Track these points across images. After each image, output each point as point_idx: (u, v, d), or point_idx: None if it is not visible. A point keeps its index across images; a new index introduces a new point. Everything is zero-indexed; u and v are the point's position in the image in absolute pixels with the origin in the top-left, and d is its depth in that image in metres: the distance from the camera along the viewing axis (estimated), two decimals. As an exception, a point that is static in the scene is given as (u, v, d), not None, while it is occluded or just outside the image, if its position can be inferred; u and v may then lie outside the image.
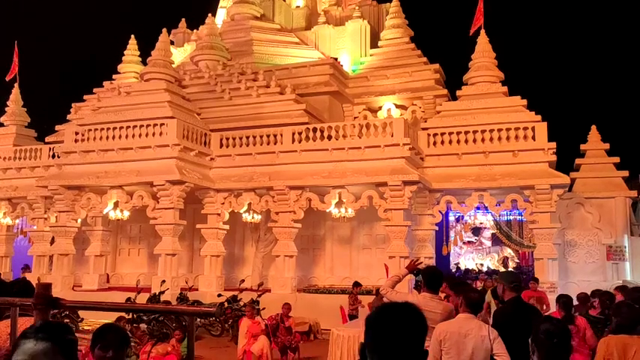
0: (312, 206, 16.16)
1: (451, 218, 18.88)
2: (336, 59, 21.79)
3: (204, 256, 17.22)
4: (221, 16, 26.42)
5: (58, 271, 17.02)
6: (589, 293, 8.67)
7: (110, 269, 19.93)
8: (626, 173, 17.10)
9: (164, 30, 18.41)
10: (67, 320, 12.86)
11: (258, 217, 17.69)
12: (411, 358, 2.19)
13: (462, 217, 18.44)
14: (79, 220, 17.40)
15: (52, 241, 17.97)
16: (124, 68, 23.54)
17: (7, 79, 22.18)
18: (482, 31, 17.96)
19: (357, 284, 13.93)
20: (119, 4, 44.38)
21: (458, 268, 22.03)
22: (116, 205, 16.49)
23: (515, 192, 15.46)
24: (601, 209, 16.56)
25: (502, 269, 21.99)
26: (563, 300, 7.22)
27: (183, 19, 26.80)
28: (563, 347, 2.98)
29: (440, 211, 16.39)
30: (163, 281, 14.69)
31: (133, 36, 24.11)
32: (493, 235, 22.92)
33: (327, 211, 16.20)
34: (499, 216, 17.52)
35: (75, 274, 18.04)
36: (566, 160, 17.54)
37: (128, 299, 13.82)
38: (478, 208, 16.66)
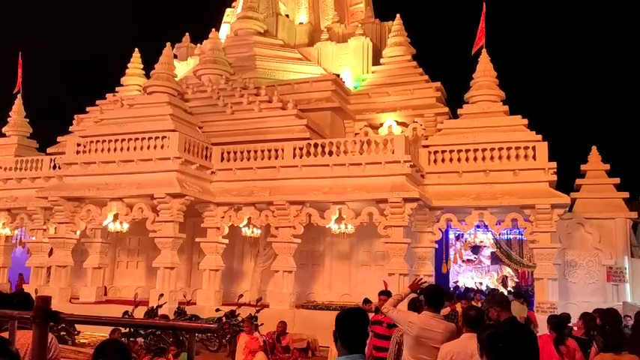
0: (312, 222, 16.13)
1: (451, 236, 18.83)
2: (338, 75, 21.91)
3: (202, 270, 17.15)
4: (225, 31, 26.63)
5: (56, 282, 16.93)
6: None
7: (108, 282, 19.84)
8: (626, 194, 17.11)
9: (168, 44, 18.54)
10: (63, 333, 12.78)
11: (257, 232, 17.65)
12: None
13: (462, 235, 18.39)
14: (78, 232, 17.36)
15: (51, 253, 17.91)
16: (128, 81, 23.67)
17: (15, 91, 22.31)
18: (484, 51, 18.09)
19: (367, 301, 13.77)
20: (124, 18, 44.75)
21: (457, 287, 21.91)
22: (116, 217, 16.46)
23: (516, 211, 15.45)
24: (601, 230, 16.53)
25: (501, 288, 21.90)
26: (554, 320, 7.30)
27: (187, 34, 27.03)
28: (512, 354, 2.87)
29: (440, 229, 16.36)
30: (161, 295, 14.60)
31: (136, 49, 24.30)
32: (492, 253, 22.83)
33: (327, 226, 16.17)
34: (499, 235, 17.46)
35: (72, 287, 17.95)
36: (567, 180, 17.57)
37: (126, 313, 13.74)
38: (478, 226, 16.62)
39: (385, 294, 7.89)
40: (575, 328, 8.88)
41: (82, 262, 18.18)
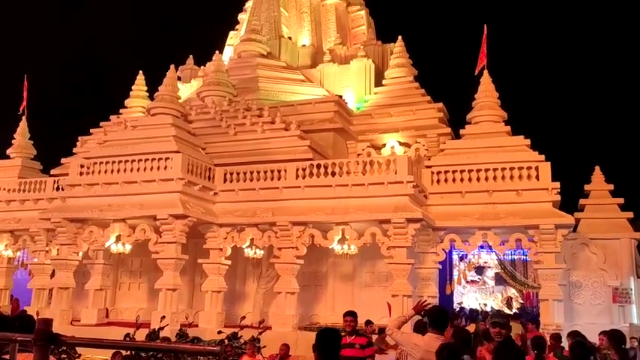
0: (315, 242, 16.07)
1: (454, 257, 18.72)
2: (340, 97, 22.03)
3: (205, 291, 17.05)
4: (228, 53, 26.89)
5: (57, 304, 16.84)
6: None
7: (110, 304, 19.72)
8: (630, 214, 17.05)
9: (172, 66, 18.72)
10: (64, 356, 12.64)
11: (260, 253, 17.58)
12: None
13: (466, 255, 18.30)
14: (81, 254, 17.31)
15: (53, 275, 17.85)
16: (132, 103, 23.86)
17: (20, 112, 22.50)
18: (485, 72, 18.20)
19: (369, 322, 13.67)
20: (129, 41, 45.25)
21: (462, 308, 21.70)
22: (118, 238, 16.43)
23: (520, 231, 15.37)
24: (606, 250, 16.43)
25: (506, 310, 21.68)
26: (537, 341, 7.81)
27: (191, 56, 27.30)
28: None
29: (443, 250, 16.27)
30: (163, 317, 14.48)
31: (141, 72, 24.54)
32: (497, 274, 22.69)
33: (330, 247, 16.10)
34: (503, 255, 17.36)
35: (74, 309, 17.84)
36: (570, 201, 17.52)
37: (127, 335, 13.61)
38: (482, 246, 16.54)
39: (350, 315, 7.68)
40: (567, 348, 9.05)
41: (83, 284, 18.08)
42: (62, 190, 18.07)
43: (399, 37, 23.45)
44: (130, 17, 46.03)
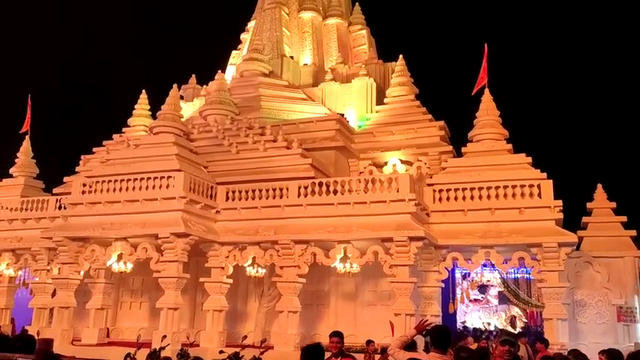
0: (317, 261, 16.01)
1: (457, 275, 18.62)
2: (342, 115, 22.12)
3: (206, 310, 16.94)
4: (230, 72, 27.10)
5: (58, 324, 16.74)
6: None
7: (110, 323, 19.59)
8: (633, 232, 17.00)
9: (174, 85, 18.85)
10: (64, 376, 12.54)
11: (262, 272, 17.51)
12: None
13: (469, 274, 18.20)
14: (82, 273, 17.26)
15: (54, 294, 17.77)
16: (134, 121, 23.98)
17: (22, 132, 22.61)
18: (487, 90, 18.30)
19: (369, 342, 13.55)
20: (133, 60, 45.67)
21: (465, 327, 21.51)
22: (120, 257, 16.38)
23: (522, 249, 15.30)
24: (610, 269, 16.34)
25: (510, 329, 21.49)
26: None
27: (194, 75, 27.50)
28: None
29: (446, 268, 16.18)
30: (164, 336, 14.36)
31: (144, 91, 24.73)
32: (500, 293, 22.51)
33: (332, 266, 16.04)
34: (506, 274, 17.26)
35: (74, 328, 17.72)
36: (573, 219, 17.48)
37: (128, 355, 13.49)
38: (485, 265, 16.45)
39: (336, 335, 7.55)
40: None
41: (84, 303, 18.00)
42: (64, 208, 18.09)
43: (400, 56, 23.62)
44: (133, 37, 46.52)
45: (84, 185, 17.06)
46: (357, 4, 28.35)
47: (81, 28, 47.07)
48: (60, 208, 18.85)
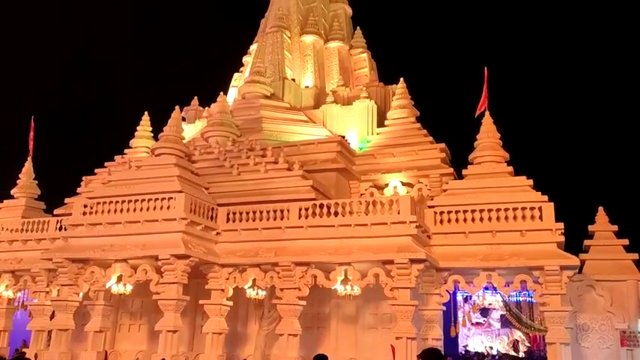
0: (318, 283, 15.91)
1: (459, 298, 18.50)
2: (343, 137, 22.21)
3: (205, 333, 16.79)
4: (232, 94, 27.29)
5: (56, 347, 16.59)
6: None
7: (109, 346, 19.40)
8: (635, 256, 16.92)
9: (177, 107, 18.99)
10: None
11: (262, 294, 17.39)
12: None
13: (470, 297, 18.08)
14: (81, 294, 17.16)
15: (52, 316, 17.64)
16: (136, 143, 24.08)
17: (29, 155, 22.73)
18: (487, 112, 18.40)
19: None
20: (135, 82, 46.06)
21: (467, 351, 21.27)
22: (119, 279, 16.31)
23: (524, 272, 15.21)
24: (612, 292, 16.22)
25: (512, 353, 21.26)
26: None
27: (196, 97, 27.68)
28: None
29: (447, 291, 16.08)
30: None
31: (146, 112, 24.87)
32: (502, 316, 22.34)
33: (333, 288, 15.93)
34: (508, 297, 17.14)
35: (72, 351, 17.56)
36: (575, 242, 17.41)
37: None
38: (486, 288, 16.35)
39: (320, 358, 7.53)
40: None
41: (83, 326, 17.85)
42: (65, 230, 18.06)
43: (401, 79, 23.81)
44: (136, 59, 47.00)
45: (85, 206, 17.07)
46: (358, 28, 28.70)
47: (85, 49, 47.60)
48: (60, 229, 18.82)
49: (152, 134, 24.20)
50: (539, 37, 48.71)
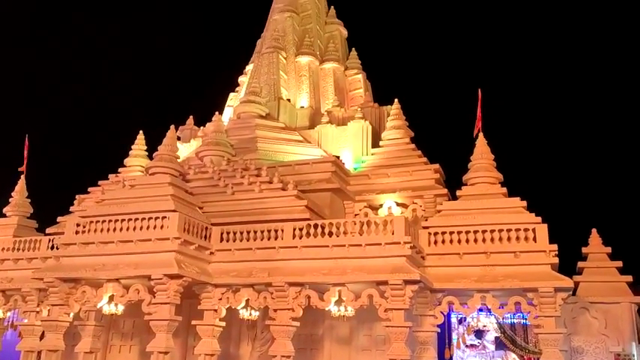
0: (312, 304, 15.81)
1: (453, 320, 18.37)
2: (338, 157, 22.27)
3: (197, 354, 16.58)
4: (228, 114, 27.41)
5: (46, 367, 16.34)
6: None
7: (99, 367, 19.14)
8: (629, 278, 16.93)
9: (172, 126, 19.03)
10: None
11: (255, 314, 17.24)
12: None
13: (465, 318, 17.96)
14: (72, 314, 16.97)
15: (42, 336, 17.41)
16: (131, 162, 24.05)
17: (20, 169, 22.65)
18: (481, 134, 18.52)
19: None
20: (130, 101, 46.20)
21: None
22: (111, 298, 16.15)
23: (519, 294, 15.18)
24: (607, 315, 16.19)
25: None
26: None
27: (191, 117, 27.77)
28: None
29: (442, 312, 16.00)
30: (154, 381, 14.06)
31: (141, 131, 24.89)
32: (497, 338, 22.16)
33: (327, 309, 15.83)
34: (502, 319, 17.04)
35: (62, 372, 17.29)
36: (568, 263, 17.42)
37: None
38: (481, 309, 16.27)
39: None
40: None
41: (73, 347, 17.63)
42: (57, 249, 17.93)
43: (396, 100, 23.99)
44: (132, 78, 47.20)
45: (77, 225, 16.97)
46: (353, 49, 29.00)
47: (79, 68, 47.80)
48: (52, 248, 18.69)
49: (147, 153, 24.19)
50: (533, 59, 49.32)
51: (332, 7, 30.14)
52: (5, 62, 43.96)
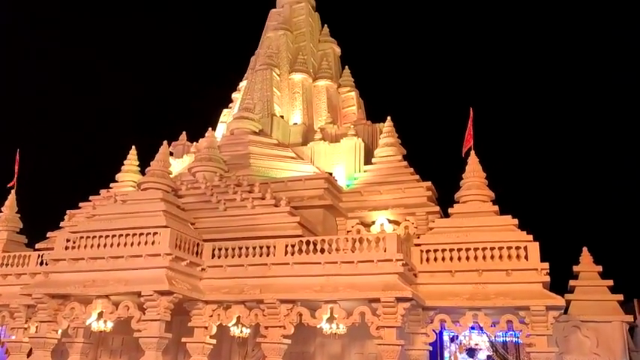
0: (303, 321, 15.70)
1: (445, 338, 18.29)
2: (330, 174, 22.31)
3: (187, 372, 16.41)
4: (221, 130, 27.44)
5: (32, 385, 16.08)
6: None
7: (87, 385, 18.84)
8: (620, 297, 16.96)
9: (164, 142, 19.02)
10: None
11: (246, 332, 17.10)
12: None
13: (457, 336, 17.90)
14: (60, 331, 16.75)
15: (30, 353, 17.16)
16: (123, 177, 23.96)
17: (9, 186, 22.50)
18: (472, 152, 18.65)
19: None
20: (123, 116, 46.18)
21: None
22: (100, 315, 15.97)
23: (510, 312, 15.16)
24: (598, 333, 16.19)
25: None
26: None
27: (184, 132, 27.79)
28: None
29: (434, 330, 15.95)
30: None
31: (133, 147, 24.84)
32: (489, 357, 22.08)
33: (318, 326, 15.73)
34: (494, 337, 17.00)
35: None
36: (559, 281, 17.44)
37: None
38: (473, 327, 16.23)
39: None
40: None
41: (61, 364, 17.38)
42: (46, 264, 17.76)
43: (388, 118, 24.15)
44: (125, 92, 47.24)
45: (67, 241, 16.83)
46: (346, 67, 29.24)
47: (72, 82, 47.81)
48: (42, 264, 18.51)
49: (139, 168, 24.13)
50: (524, 77, 49.85)
51: (325, 25, 30.45)
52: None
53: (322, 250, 16.15)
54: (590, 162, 43.22)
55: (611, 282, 17.31)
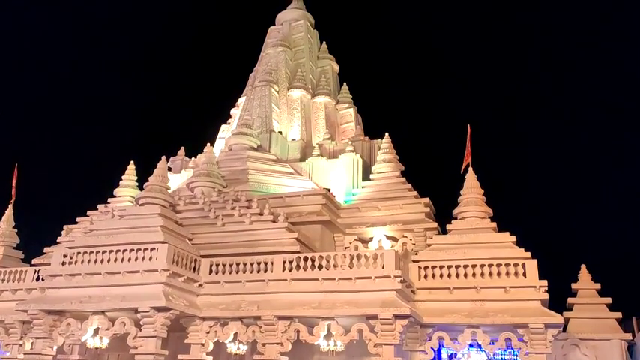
0: (301, 338, 15.59)
1: (444, 355, 18.14)
2: (328, 190, 22.32)
3: (183, 390, 16.23)
4: (219, 146, 27.50)
5: (26, 402, 15.90)
6: None
7: (82, 402, 18.61)
8: (619, 315, 16.90)
9: (163, 157, 19.04)
10: None
11: (243, 348, 16.96)
12: None
13: (455, 354, 17.76)
14: (55, 348, 16.59)
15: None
16: (121, 192, 23.93)
17: (11, 202, 22.46)
18: (470, 169, 18.71)
19: None
20: (121, 132, 46.27)
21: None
22: (96, 331, 15.84)
23: (509, 330, 15.08)
24: (597, 351, 16.12)
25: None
26: None
27: (183, 148, 27.81)
28: None
29: (432, 348, 15.84)
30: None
31: (132, 162, 24.85)
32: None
33: (316, 343, 15.61)
34: (493, 355, 16.88)
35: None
36: (558, 299, 17.39)
37: None
38: (471, 345, 16.12)
39: None
40: None
41: (55, 380, 17.17)
42: (42, 280, 17.65)
43: (386, 134, 24.23)
44: (123, 107, 47.38)
45: (64, 256, 16.76)
46: (344, 83, 29.41)
47: (71, 96, 47.96)
48: (38, 279, 18.40)
49: (137, 184, 24.11)
50: (522, 95, 50.16)
51: (324, 42, 30.70)
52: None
53: (320, 267, 16.10)
54: (589, 179, 43.32)
55: (609, 300, 17.26)
